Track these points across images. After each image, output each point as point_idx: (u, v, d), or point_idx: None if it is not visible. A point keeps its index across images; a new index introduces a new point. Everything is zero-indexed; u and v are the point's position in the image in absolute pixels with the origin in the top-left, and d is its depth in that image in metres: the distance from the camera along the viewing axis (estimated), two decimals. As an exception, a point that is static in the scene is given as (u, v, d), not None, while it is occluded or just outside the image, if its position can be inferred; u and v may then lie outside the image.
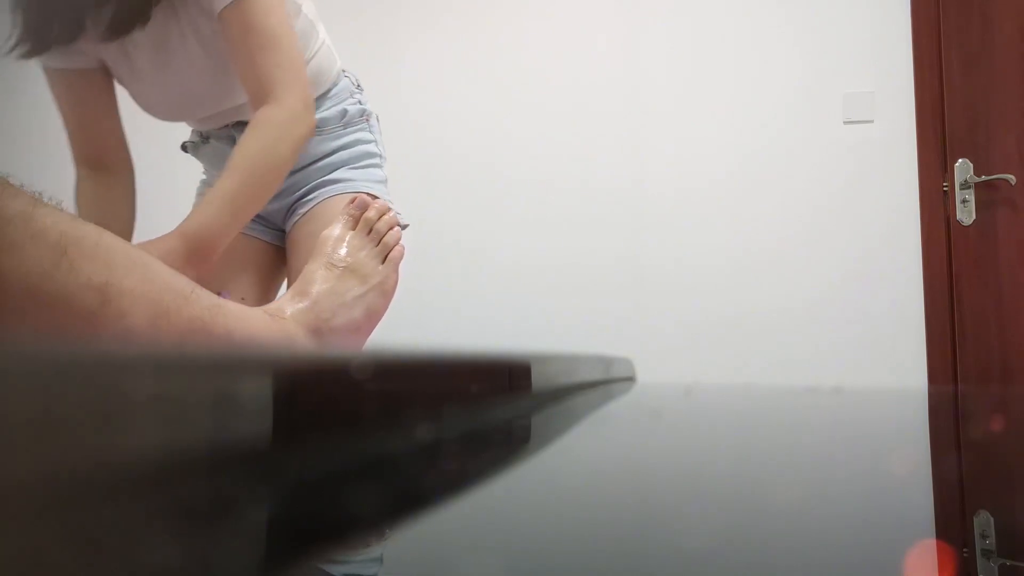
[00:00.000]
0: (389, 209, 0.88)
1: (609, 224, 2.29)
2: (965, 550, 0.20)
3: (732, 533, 0.20)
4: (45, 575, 0.12)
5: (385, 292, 0.83)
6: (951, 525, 0.23)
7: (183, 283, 0.47)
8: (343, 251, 0.81)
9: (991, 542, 0.21)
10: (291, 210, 1.17)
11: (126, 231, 1.11)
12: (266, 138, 0.96)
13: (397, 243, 0.86)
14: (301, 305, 0.72)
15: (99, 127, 1.10)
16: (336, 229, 0.84)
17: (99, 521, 0.14)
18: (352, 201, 0.88)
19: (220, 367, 0.18)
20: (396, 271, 0.86)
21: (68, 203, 0.40)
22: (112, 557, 0.13)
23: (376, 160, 1.20)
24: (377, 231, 0.85)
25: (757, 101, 2.23)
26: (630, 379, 0.83)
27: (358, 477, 0.24)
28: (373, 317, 0.81)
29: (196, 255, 0.90)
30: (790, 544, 0.20)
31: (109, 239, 0.41)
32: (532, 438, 0.40)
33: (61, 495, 0.13)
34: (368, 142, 1.20)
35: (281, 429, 0.20)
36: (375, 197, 0.96)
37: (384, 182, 1.20)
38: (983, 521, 0.23)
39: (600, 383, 0.69)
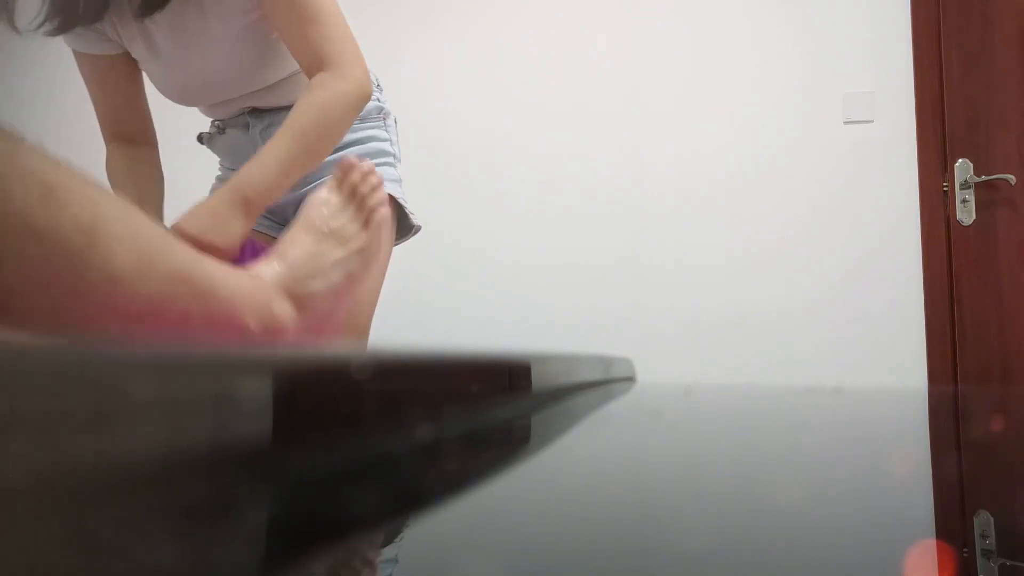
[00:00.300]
0: (373, 172, 0.86)
1: (609, 224, 2.29)
2: (965, 550, 0.20)
3: (732, 533, 0.20)
4: (45, 575, 0.12)
5: (368, 256, 0.80)
6: (951, 525, 0.23)
7: (164, 232, 0.47)
8: (323, 215, 0.79)
9: (991, 542, 0.21)
10: (301, 204, 1.17)
11: (160, 200, 1.14)
12: (322, 100, 0.99)
13: (381, 206, 0.84)
14: (278, 269, 0.70)
15: (125, 108, 1.14)
16: (321, 193, 0.82)
17: (99, 521, 0.14)
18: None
19: (220, 367, 0.18)
20: (379, 235, 0.84)
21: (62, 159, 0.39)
22: (112, 557, 0.13)
23: (390, 159, 1.20)
24: (360, 194, 0.82)
25: (757, 101, 2.23)
26: (630, 379, 0.83)
27: (358, 477, 0.24)
28: (354, 281, 0.78)
29: (249, 206, 0.94)
30: (790, 544, 0.20)
31: (94, 184, 0.40)
32: (532, 438, 0.40)
33: (60, 495, 0.13)
34: (383, 140, 1.20)
35: (281, 429, 0.20)
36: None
37: (399, 182, 1.20)
38: (983, 521, 0.23)
39: (600, 383, 0.69)
